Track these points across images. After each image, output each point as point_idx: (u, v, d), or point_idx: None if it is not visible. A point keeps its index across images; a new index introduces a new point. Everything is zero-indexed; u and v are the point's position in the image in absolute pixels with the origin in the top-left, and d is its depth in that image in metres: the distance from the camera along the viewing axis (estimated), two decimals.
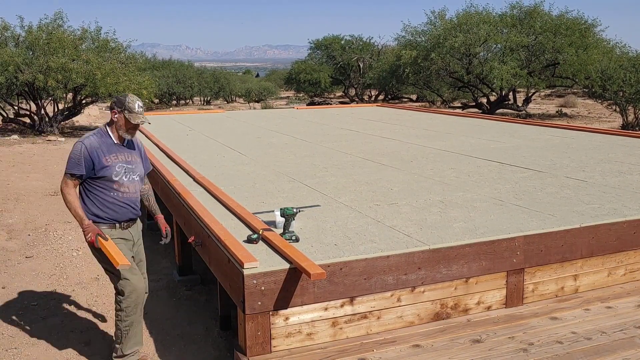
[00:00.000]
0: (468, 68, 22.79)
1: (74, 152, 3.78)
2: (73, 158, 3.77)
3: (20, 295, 5.50)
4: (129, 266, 3.75)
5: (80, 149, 3.76)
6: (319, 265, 3.44)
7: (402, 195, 5.29)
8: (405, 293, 3.84)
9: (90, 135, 3.85)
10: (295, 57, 52.29)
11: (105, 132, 3.90)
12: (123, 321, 3.89)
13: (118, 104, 3.84)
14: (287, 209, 3.92)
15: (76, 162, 3.77)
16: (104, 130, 3.92)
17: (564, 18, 23.01)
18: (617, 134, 9.46)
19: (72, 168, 3.78)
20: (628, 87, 18.18)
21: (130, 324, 3.91)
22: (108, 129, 3.92)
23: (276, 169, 6.63)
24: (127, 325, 3.90)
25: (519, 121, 11.77)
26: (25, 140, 16.69)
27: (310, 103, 32.95)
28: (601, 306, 4.18)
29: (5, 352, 4.39)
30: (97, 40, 18.92)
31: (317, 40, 35.77)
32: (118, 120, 3.86)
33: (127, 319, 3.89)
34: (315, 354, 3.54)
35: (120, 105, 3.83)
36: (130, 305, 3.87)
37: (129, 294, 3.85)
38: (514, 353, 3.52)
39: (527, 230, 4.19)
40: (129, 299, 3.86)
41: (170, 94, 30.94)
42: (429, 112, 15.01)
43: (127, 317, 3.89)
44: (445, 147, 8.15)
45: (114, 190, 3.85)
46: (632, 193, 5.27)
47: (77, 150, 3.77)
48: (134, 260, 3.98)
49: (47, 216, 8.31)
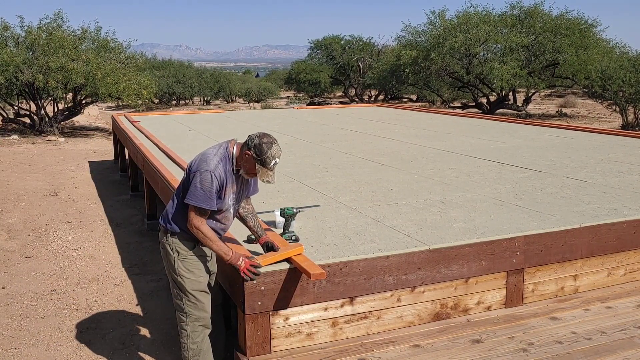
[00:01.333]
0: (468, 68, 22.79)
1: (204, 183, 3.28)
2: (203, 190, 3.28)
3: (20, 295, 5.50)
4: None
5: (211, 179, 3.28)
6: (319, 265, 3.44)
7: (402, 195, 5.29)
8: (405, 293, 3.84)
9: (218, 163, 3.33)
10: (295, 57, 52.29)
11: (231, 157, 3.39)
12: (189, 349, 3.53)
13: (256, 151, 3.28)
14: (287, 209, 3.92)
15: (208, 195, 3.28)
16: (229, 154, 3.40)
17: (564, 18, 23.01)
18: (617, 134, 9.46)
19: (201, 202, 3.29)
20: (628, 87, 18.18)
21: (198, 353, 3.55)
22: (234, 155, 3.39)
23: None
24: (195, 355, 3.54)
25: (519, 121, 11.77)
26: (25, 140, 16.69)
27: (310, 103, 32.95)
28: (601, 306, 4.18)
29: (5, 352, 4.39)
30: (97, 40, 18.92)
31: (317, 40, 35.77)
32: (246, 162, 3.35)
33: (194, 346, 3.53)
34: (315, 354, 3.54)
35: (259, 152, 3.28)
36: (197, 330, 3.52)
37: (196, 318, 3.51)
38: (514, 353, 3.52)
39: (527, 230, 4.19)
40: (196, 323, 3.51)
41: (170, 94, 30.93)
42: (429, 112, 15.01)
43: (193, 345, 3.53)
44: (445, 147, 8.15)
45: (216, 221, 3.46)
46: (632, 193, 5.27)
47: (206, 181, 3.27)
48: (210, 276, 3.63)
49: (47, 216, 8.32)
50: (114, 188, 10.48)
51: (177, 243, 3.46)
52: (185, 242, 3.47)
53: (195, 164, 3.38)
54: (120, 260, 6.51)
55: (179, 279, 3.48)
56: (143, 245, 7.06)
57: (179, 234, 3.46)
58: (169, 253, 3.50)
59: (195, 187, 3.29)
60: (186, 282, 3.47)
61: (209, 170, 3.29)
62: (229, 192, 3.40)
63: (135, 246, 7.04)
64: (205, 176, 3.28)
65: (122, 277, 6.00)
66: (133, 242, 7.20)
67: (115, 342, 4.55)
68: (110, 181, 11.13)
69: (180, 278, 3.47)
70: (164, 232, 3.53)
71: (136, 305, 5.28)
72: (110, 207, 8.99)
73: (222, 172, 3.34)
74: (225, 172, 3.35)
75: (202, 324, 3.54)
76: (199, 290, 3.50)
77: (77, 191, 10.09)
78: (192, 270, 3.48)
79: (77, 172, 11.97)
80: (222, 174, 3.33)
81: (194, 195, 3.29)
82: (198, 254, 3.51)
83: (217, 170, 3.31)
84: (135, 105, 20.41)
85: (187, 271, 3.47)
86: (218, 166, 3.32)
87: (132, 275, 6.04)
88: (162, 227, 3.54)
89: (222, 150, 3.40)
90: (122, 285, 5.77)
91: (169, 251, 3.50)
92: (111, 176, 11.64)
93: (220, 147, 3.43)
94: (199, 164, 3.36)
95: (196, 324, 3.52)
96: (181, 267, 3.47)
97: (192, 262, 3.48)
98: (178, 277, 3.48)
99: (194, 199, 3.29)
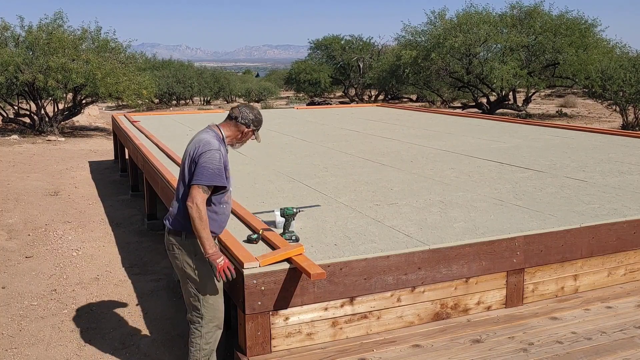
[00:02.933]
0: (468, 68, 22.79)
1: (212, 162, 3.27)
2: (212, 168, 3.26)
3: (20, 295, 5.50)
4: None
5: (220, 157, 3.30)
6: (319, 265, 3.44)
7: (402, 195, 5.29)
8: (405, 293, 3.84)
9: (216, 141, 3.38)
10: (295, 57, 52.30)
11: (222, 139, 3.45)
12: (202, 350, 3.48)
13: (255, 123, 3.47)
14: (287, 209, 3.92)
15: (217, 172, 3.27)
16: (220, 136, 3.45)
17: (564, 18, 23.01)
18: (617, 134, 9.46)
19: (212, 179, 3.26)
20: (628, 87, 18.18)
21: (210, 353, 3.52)
22: (225, 136, 3.47)
23: (276, 169, 6.63)
24: (206, 355, 3.50)
25: (519, 121, 11.77)
26: (25, 140, 16.69)
27: (310, 103, 32.95)
28: (601, 306, 4.18)
29: (5, 352, 4.39)
30: (97, 40, 18.92)
31: (317, 40, 35.79)
32: (245, 136, 3.49)
33: (207, 346, 3.49)
34: (315, 354, 3.54)
35: (257, 124, 3.48)
36: (211, 331, 3.48)
37: (210, 319, 3.46)
38: (514, 353, 3.52)
39: (527, 230, 4.19)
40: (210, 324, 3.47)
41: (170, 94, 30.94)
42: (429, 112, 15.01)
43: (206, 345, 3.48)
44: (445, 147, 8.15)
45: (225, 203, 3.46)
46: (632, 193, 5.27)
47: (215, 159, 3.28)
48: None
49: (47, 216, 8.31)
50: (114, 188, 10.48)
51: (196, 244, 3.36)
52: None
53: (197, 149, 3.36)
54: (120, 260, 6.50)
55: (199, 281, 3.41)
56: (143, 245, 7.05)
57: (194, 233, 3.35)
58: (185, 255, 3.40)
59: (205, 167, 3.27)
60: (207, 284, 3.41)
61: (215, 149, 3.32)
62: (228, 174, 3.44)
63: (135, 246, 7.04)
64: (213, 154, 3.30)
65: (122, 277, 6.00)
66: (133, 242, 7.20)
67: (115, 342, 4.55)
68: (110, 181, 11.13)
69: (200, 280, 3.40)
70: (176, 234, 3.41)
71: (136, 305, 5.28)
72: (110, 207, 8.99)
73: (224, 152, 3.40)
74: (224, 153, 3.41)
75: (216, 325, 3.51)
76: (216, 291, 3.47)
77: (77, 191, 10.09)
78: (210, 271, 3.41)
79: (77, 172, 11.97)
80: (225, 154, 3.39)
81: (204, 174, 3.26)
82: None
83: (222, 150, 3.37)
84: (135, 105, 20.41)
85: (207, 272, 3.41)
86: (218, 144, 3.37)
87: (132, 275, 6.03)
88: (171, 230, 3.43)
89: (214, 134, 3.45)
90: (122, 285, 5.77)
91: (184, 253, 3.40)
92: (111, 176, 11.64)
93: (211, 131, 3.47)
94: (202, 147, 3.34)
95: (211, 325, 3.48)
96: (201, 268, 3.40)
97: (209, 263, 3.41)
98: (198, 278, 3.41)
99: (204, 178, 3.26)
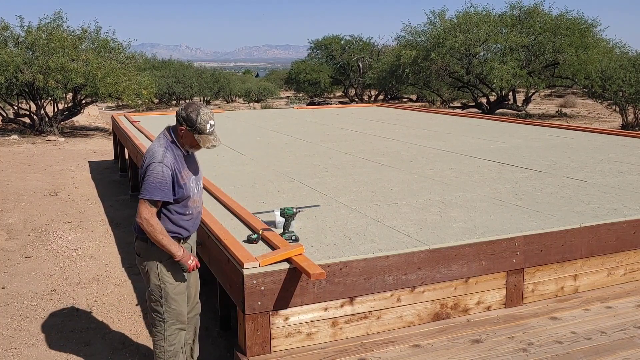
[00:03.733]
0: (468, 68, 22.79)
1: (153, 175, 3.24)
2: (153, 182, 3.24)
3: (20, 295, 5.50)
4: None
5: (162, 171, 3.25)
6: (319, 265, 3.44)
7: (402, 195, 5.29)
8: (405, 293, 3.84)
9: (165, 152, 3.31)
10: (295, 57, 52.29)
11: (175, 143, 3.38)
12: (166, 351, 3.51)
13: (187, 122, 3.30)
14: (287, 209, 3.91)
15: (158, 186, 3.24)
16: (172, 140, 3.39)
17: (563, 18, 23.00)
18: (617, 134, 9.46)
19: (153, 193, 3.24)
20: (628, 87, 18.18)
21: (175, 354, 3.54)
22: (176, 139, 3.39)
23: (276, 169, 6.63)
24: (171, 356, 3.53)
25: (519, 121, 11.77)
26: (25, 140, 16.69)
27: (310, 103, 32.94)
28: (601, 306, 4.18)
29: (5, 352, 4.39)
30: (96, 40, 18.91)
31: (317, 40, 35.79)
32: (184, 137, 3.37)
33: (171, 348, 3.52)
34: (315, 354, 3.54)
35: (190, 123, 3.30)
36: (174, 333, 3.51)
37: (173, 322, 3.50)
38: (513, 353, 3.52)
39: (527, 230, 4.19)
40: (173, 327, 3.50)
41: (170, 94, 30.93)
42: (429, 112, 15.01)
43: (170, 347, 3.51)
44: (445, 147, 8.15)
45: (188, 208, 3.44)
46: (632, 193, 5.27)
47: (157, 173, 3.24)
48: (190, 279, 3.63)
49: (47, 216, 8.31)
50: (114, 188, 10.48)
51: (160, 251, 3.40)
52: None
53: (144, 161, 3.37)
54: (120, 260, 6.51)
55: (162, 285, 3.46)
56: None
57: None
58: (151, 261, 3.46)
59: (147, 181, 3.26)
60: (168, 287, 3.46)
61: (157, 161, 3.27)
62: (186, 176, 3.38)
63: None
64: (154, 168, 3.26)
65: (122, 277, 6.00)
66: (133, 242, 7.16)
67: (115, 342, 4.55)
68: (110, 181, 11.13)
69: (163, 284, 3.46)
70: (142, 240, 3.46)
71: (136, 305, 5.28)
72: (110, 207, 8.99)
73: (172, 160, 3.32)
74: (175, 158, 3.34)
75: (179, 327, 3.55)
76: (179, 294, 3.50)
77: (77, 191, 10.09)
78: (173, 275, 3.47)
79: (77, 172, 11.97)
80: (172, 161, 3.31)
81: (146, 189, 3.26)
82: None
83: (166, 159, 3.29)
84: (135, 105, 20.41)
85: (169, 276, 3.46)
86: (165, 155, 3.30)
87: (132, 275, 6.03)
88: (137, 236, 3.51)
89: (163, 140, 3.40)
90: (122, 285, 5.77)
91: (149, 259, 3.46)
92: (111, 176, 11.63)
93: (161, 137, 3.43)
94: (147, 159, 3.35)
95: (173, 327, 3.52)
96: (164, 272, 3.45)
97: (173, 267, 3.47)
98: (160, 282, 3.46)
99: (146, 192, 3.26)
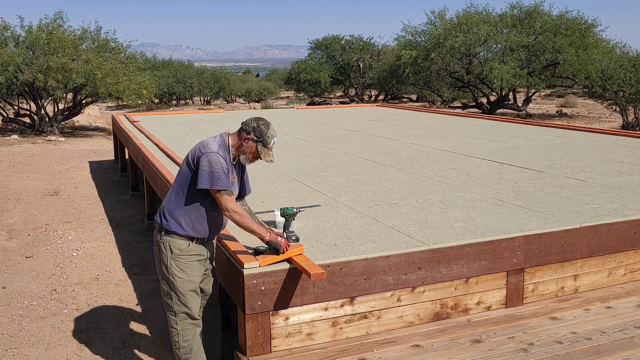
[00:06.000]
0: (468, 68, 22.78)
1: (217, 165, 3.29)
2: (219, 172, 3.28)
3: (20, 295, 5.50)
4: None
5: (220, 161, 3.30)
6: (319, 265, 3.44)
7: (402, 195, 5.29)
8: (405, 293, 3.84)
9: (219, 148, 3.37)
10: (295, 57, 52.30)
11: (227, 147, 3.43)
12: (181, 347, 3.54)
13: (257, 132, 3.39)
14: (287, 209, 3.91)
15: (224, 176, 3.30)
16: (225, 144, 3.44)
17: (564, 18, 23.01)
18: (617, 134, 9.46)
19: (225, 182, 3.30)
20: (628, 87, 18.17)
21: (190, 351, 3.55)
22: (231, 145, 3.45)
23: (276, 169, 6.63)
24: (187, 352, 3.55)
25: (519, 121, 11.77)
26: (25, 140, 16.68)
27: (310, 103, 32.95)
28: (601, 306, 4.18)
29: (5, 352, 4.39)
30: (97, 40, 18.92)
31: (317, 40, 35.77)
32: (247, 146, 3.42)
33: (185, 343, 3.53)
34: (315, 354, 3.54)
35: (259, 134, 3.38)
36: (188, 328, 3.53)
37: (184, 317, 3.51)
38: (514, 353, 3.52)
39: (527, 230, 4.19)
40: (185, 321, 3.52)
41: (170, 94, 30.93)
42: (429, 112, 15.01)
43: (184, 342, 3.53)
44: (445, 147, 8.15)
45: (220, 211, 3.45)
46: (632, 193, 5.27)
47: (218, 163, 3.29)
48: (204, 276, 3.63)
49: (47, 216, 8.31)
50: (114, 188, 10.48)
51: (171, 241, 3.47)
52: (180, 241, 3.47)
53: (196, 152, 3.41)
54: (120, 260, 6.51)
55: (171, 278, 3.49)
56: (143, 245, 7.05)
57: (173, 232, 3.46)
58: (162, 251, 3.51)
59: (213, 172, 3.29)
60: (177, 282, 3.48)
61: (213, 152, 3.33)
62: (232, 178, 3.42)
63: (136, 246, 7.04)
64: (212, 157, 3.31)
65: (122, 277, 6.00)
66: (133, 242, 7.20)
67: (115, 342, 4.55)
68: (110, 181, 11.13)
69: (173, 277, 3.48)
70: (158, 230, 3.55)
71: (136, 305, 5.28)
72: (110, 207, 8.99)
73: (224, 157, 3.37)
74: (225, 158, 3.38)
75: (191, 322, 3.56)
76: (190, 290, 3.52)
77: (77, 191, 10.09)
78: (184, 269, 3.49)
79: (77, 172, 11.97)
80: (225, 158, 3.37)
81: (215, 180, 3.29)
82: (192, 253, 3.50)
83: (220, 152, 3.36)
84: (135, 105, 20.41)
85: (180, 270, 3.48)
86: (219, 150, 3.37)
87: (132, 275, 6.04)
88: (156, 225, 3.56)
89: (219, 139, 3.45)
90: (122, 285, 5.77)
91: (162, 249, 3.51)
92: (111, 176, 11.63)
93: (217, 137, 3.49)
94: (200, 150, 3.39)
95: (186, 322, 3.54)
96: (174, 266, 3.48)
97: (185, 262, 3.49)
98: (170, 276, 3.49)
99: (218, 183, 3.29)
